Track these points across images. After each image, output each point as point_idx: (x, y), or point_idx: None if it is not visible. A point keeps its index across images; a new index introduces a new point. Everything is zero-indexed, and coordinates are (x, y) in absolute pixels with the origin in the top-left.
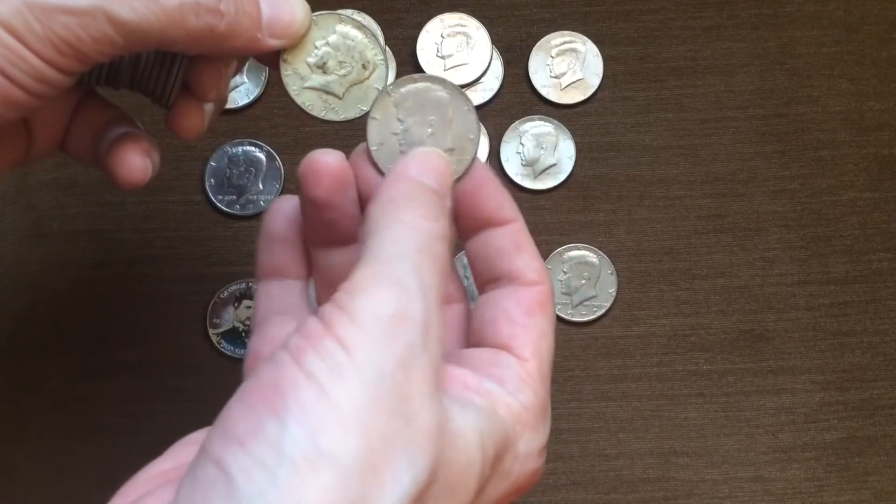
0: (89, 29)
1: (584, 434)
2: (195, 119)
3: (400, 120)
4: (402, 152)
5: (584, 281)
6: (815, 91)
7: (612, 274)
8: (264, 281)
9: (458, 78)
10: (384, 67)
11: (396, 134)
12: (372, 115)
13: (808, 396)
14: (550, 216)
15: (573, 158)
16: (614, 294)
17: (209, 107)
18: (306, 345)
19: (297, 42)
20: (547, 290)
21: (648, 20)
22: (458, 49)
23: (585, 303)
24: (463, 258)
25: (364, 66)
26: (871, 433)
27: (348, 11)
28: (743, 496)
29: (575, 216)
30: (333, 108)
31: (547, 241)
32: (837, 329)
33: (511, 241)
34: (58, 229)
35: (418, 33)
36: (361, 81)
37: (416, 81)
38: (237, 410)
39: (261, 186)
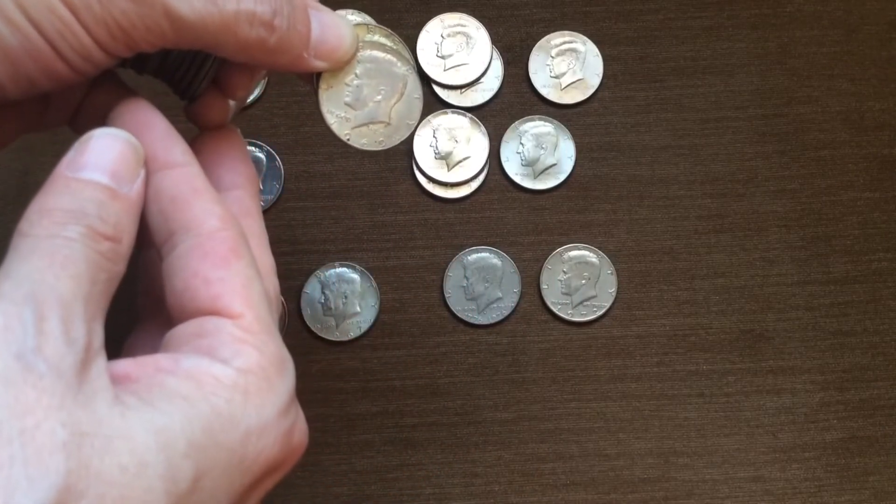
0: (145, 18)
1: (584, 434)
2: (219, 113)
3: (357, 75)
4: (347, 103)
5: (584, 281)
6: (815, 91)
7: (612, 274)
8: None
9: (458, 78)
10: (415, 76)
11: (348, 85)
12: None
13: (808, 396)
14: (550, 216)
15: (573, 158)
16: (614, 294)
17: (233, 103)
18: None
19: (340, 67)
20: (236, 234)
21: (648, 20)
22: (458, 49)
23: (585, 303)
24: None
25: (396, 82)
26: (871, 433)
27: (363, 20)
28: (743, 496)
29: (575, 216)
30: (385, 135)
31: (547, 241)
32: (837, 329)
33: (186, 186)
34: None
35: (418, 33)
36: (400, 97)
37: (386, 51)
38: None
39: (261, 186)
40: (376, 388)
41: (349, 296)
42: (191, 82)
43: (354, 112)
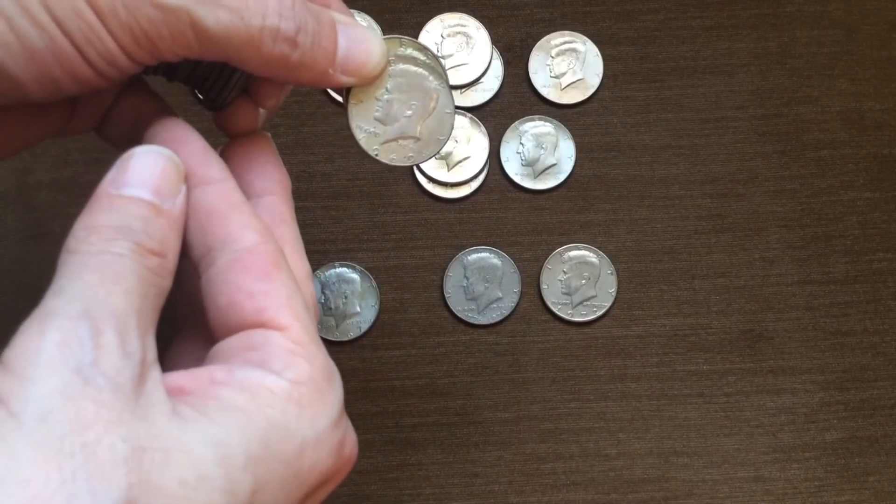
0: (171, 27)
1: (584, 434)
2: (248, 121)
3: (387, 89)
4: (377, 118)
5: (584, 281)
6: (815, 91)
7: (612, 274)
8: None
9: (458, 78)
10: (447, 90)
11: (378, 100)
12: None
13: (808, 396)
14: (550, 216)
15: (573, 158)
16: (614, 294)
17: (263, 111)
18: None
19: (369, 82)
20: (274, 248)
21: (648, 20)
22: (458, 49)
23: (585, 303)
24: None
25: (428, 97)
26: (871, 433)
27: (365, 22)
28: (743, 496)
29: (575, 216)
30: (415, 151)
31: (547, 241)
32: (837, 329)
33: (223, 201)
34: (58, 229)
35: (418, 33)
36: (431, 112)
37: (418, 66)
38: None
39: None
40: (376, 388)
41: (349, 296)
42: (220, 91)
43: (384, 127)
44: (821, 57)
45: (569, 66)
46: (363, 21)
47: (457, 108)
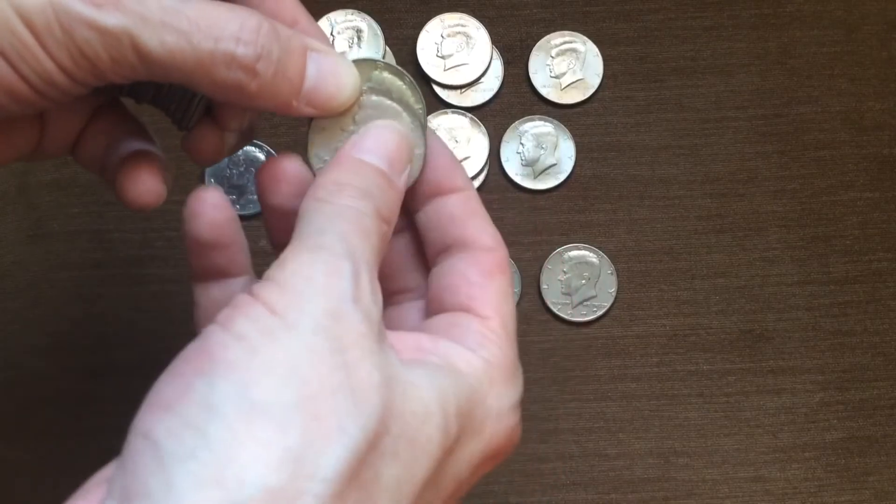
0: (111, 50)
1: (584, 434)
2: (211, 145)
3: (355, 120)
4: (338, 150)
5: (584, 281)
6: (815, 91)
7: (612, 274)
8: (201, 285)
9: (458, 78)
10: (420, 130)
11: (343, 130)
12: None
13: (808, 396)
14: (550, 216)
15: (573, 158)
16: (614, 294)
17: (231, 135)
18: (235, 312)
19: (335, 115)
20: (504, 256)
21: (648, 20)
22: (458, 49)
23: (585, 303)
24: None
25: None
26: (871, 433)
27: (372, 58)
28: (743, 496)
29: (575, 216)
30: None
31: (547, 241)
32: (837, 329)
33: (464, 208)
34: (58, 229)
35: (418, 33)
36: None
37: (393, 99)
38: (163, 382)
39: None
40: None
41: None
42: (184, 113)
43: None
44: (821, 57)
45: (569, 66)
46: (362, 22)
47: (457, 107)
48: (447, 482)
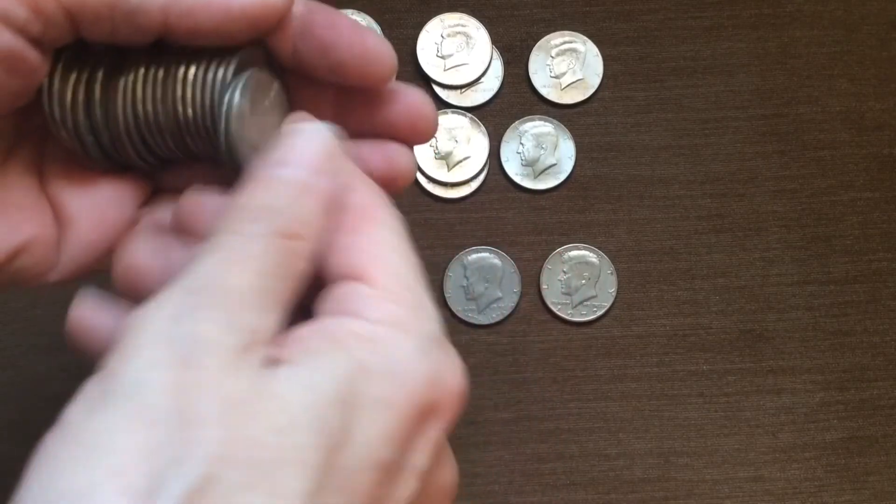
0: None
1: (584, 434)
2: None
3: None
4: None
5: (584, 281)
6: (815, 91)
7: (612, 274)
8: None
9: (458, 78)
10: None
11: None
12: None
13: (808, 396)
14: (550, 216)
15: (573, 158)
16: (614, 294)
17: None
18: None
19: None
20: (367, 202)
21: (648, 20)
22: (458, 49)
23: (585, 303)
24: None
25: None
26: (871, 433)
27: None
28: (743, 496)
29: (575, 216)
30: None
31: (547, 241)
32: (837, 329)
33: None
34: None
35: (418, 33)
36: None
37: None
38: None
39: None
40: None
41: None
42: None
43: None
44: (821, 57)
45: (569, 66)
46: (362, 21)
47: (457, 107)
48: (357, 474)
